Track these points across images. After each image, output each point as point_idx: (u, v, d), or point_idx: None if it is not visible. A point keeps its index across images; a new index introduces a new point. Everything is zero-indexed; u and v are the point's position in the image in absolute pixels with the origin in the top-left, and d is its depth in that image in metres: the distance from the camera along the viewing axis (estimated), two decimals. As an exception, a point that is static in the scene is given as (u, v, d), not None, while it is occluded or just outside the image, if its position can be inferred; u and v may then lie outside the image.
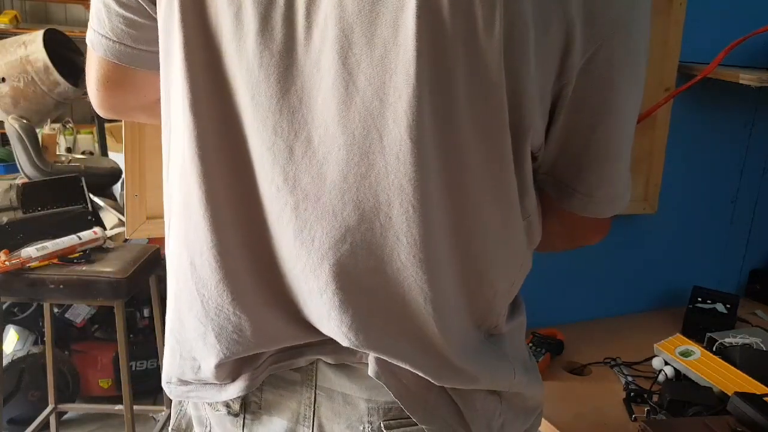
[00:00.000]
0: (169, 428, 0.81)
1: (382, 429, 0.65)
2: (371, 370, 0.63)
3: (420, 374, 0.63)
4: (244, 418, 0.71)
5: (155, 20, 0.65)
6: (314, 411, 0.67)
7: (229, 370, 0.68)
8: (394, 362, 0.62)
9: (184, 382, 0.72)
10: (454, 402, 0.66)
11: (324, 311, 0.61)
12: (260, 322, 0.64)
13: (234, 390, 0.68)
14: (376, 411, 0.65)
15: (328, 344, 0.65)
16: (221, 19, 0.59)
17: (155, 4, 0.64)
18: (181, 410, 0.80)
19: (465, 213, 0.60)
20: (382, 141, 0.56)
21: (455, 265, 0.62)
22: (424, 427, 0.65)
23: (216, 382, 0.69)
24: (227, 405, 0.71)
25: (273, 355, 0.67)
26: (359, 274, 0.60)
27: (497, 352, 0.69)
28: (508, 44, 0.54)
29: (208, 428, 0.75)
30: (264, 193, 0.61)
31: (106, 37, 0.70)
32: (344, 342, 0.62)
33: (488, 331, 0.69)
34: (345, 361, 0.65)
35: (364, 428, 0.65)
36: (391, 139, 0.55)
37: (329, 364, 0.66)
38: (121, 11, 0.67)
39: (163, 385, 0.74)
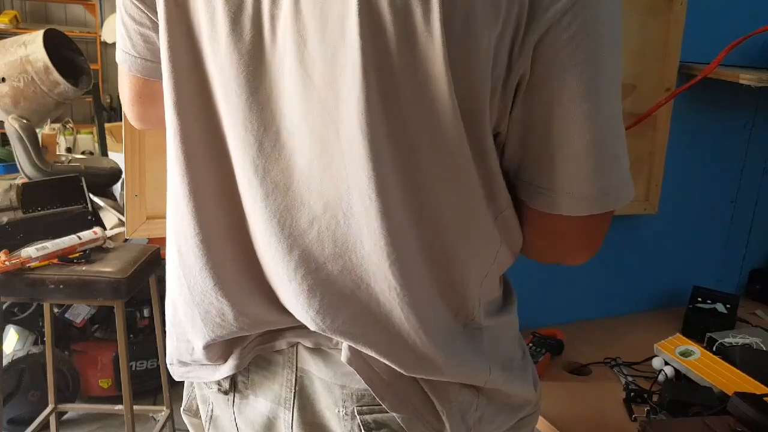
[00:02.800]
0: (182, 408, 0.86)
1: (356, 414, 0.67)
2: (344, 356, 0.66)
3: (386, 362, 0.65)
4: (233, 397, 0.75)
5: None
6: (295, 393, 0.70)
7: (219, 352, 0.72)
8: (362, 349, 0.64)
9: (183, 363, 0.77)
10: (425, 392, 0.68)
11: (293, 297, 0.64)
12: (241, 307, 0.68)
13: (225, 369, 0.73)
14: (350, 397, 0.68)
15: (305, 328, 0.67)
16: (201, 24, 0.63)
17: None
18: (191, 391, 0.85)
19: (424, 204, 0.62)
20: (338, 135, 0.59)
21: (422, 253, 0.64)
22: (394, 414, 0.66)
23: (210, 362, 0.73)
24: (218, 384, 0.75)
25: (258, 336, 0.71)
26: (326, 261, 0.63)
27: (473, 347, 0.70)
28: (450, 37, 0.55)
29: (210, 406, 0.80)
30: (240, 185, 0.65)
31: (130, 54, 0.76)
32: (312, 326, 0.65)
33: (465, 323, 0.70)
34: (321, 346, 0.68)
35: (338, 412, 0.68)
36: (345, 132, 0.59)
37: (308, 348, 0.69)
38: (138, 28, 0.72)
39: (168, 366, 0.80)
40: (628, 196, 0.66)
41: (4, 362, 2.12)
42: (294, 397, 0.70)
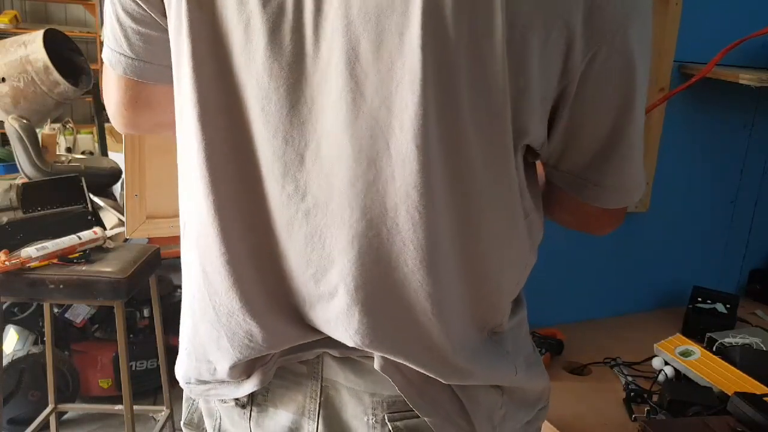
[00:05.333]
0: (181, 422, 0.83)
1: (386, 421, 0.66)
2: (377, 364, 0.65)
3: (425, 372, 0.65)
4: (251, 410, 0.73)
5: (168, 33, 0.65)
6: (319, 404, 0.69)
7: (243, 369, 0.70)
8: (400, 360, 0.64)
9: (202, 382, 0.73)
10: (457, 396, 0.68)
11: (332, 315, 0.63)
12: (269, 327, 0.65)
13: (249, 386, 0.70)
14: (380, 404, 0.67)
15: (333, 340, 0.66)
16: (230, 31, 0.60)
17: (167, 17, 0.64)
18: (192, 405, 0.82)
19: (470, 217, 0.61)
20: (389, 149, 0.57)
21: (461, 269, 0.63)
22: (426, 419, 0.66)
23: (232, 380, 0.71)
24: (235, 397, 0.72)
25: (284, 356, 0.69)
26: (366, 279, 0.61)
27: (499, 351, 0.70)
28: (510, 50, 0.55)
29: (218, 420, 0.77)
30: (273, 201, 0.62)
31: (125, 55, 0.70)
32: (350, 344, 0.64)
33: (492, 330, 0.70)
34: (350, 355, 0.67)
35: (368, 420, 0.67)
36: (397, 146, 0.57)
37: (335, 357, 0.68)
38: (137, 27, 0.68)
39: (183, 385, 0.76)
40: (644, 187, 0.74)
41: (4, 362, 2.12)
42: (319, 407, 0.69)
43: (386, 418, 0.67)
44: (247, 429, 0.73)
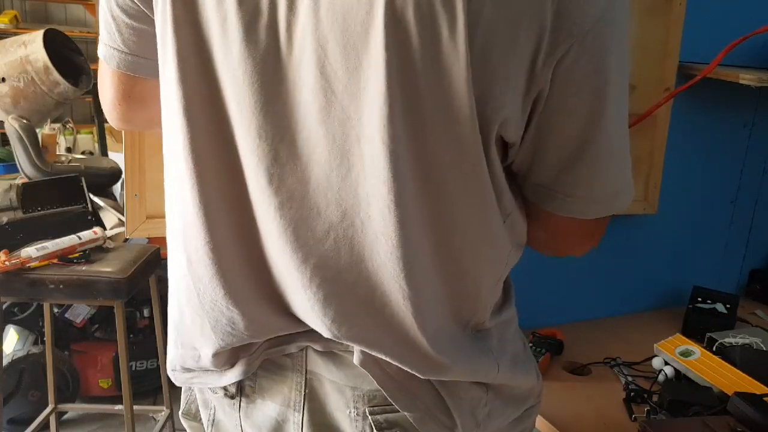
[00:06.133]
0: (179, 412, 0.85)
1: (367, 415, 0.68)
2: (356, 359, 0.66)
3: (402, 367, 0.65)
4: (240, 401, 0.75)
5: None
6: (304, 396, 0.70)
7: (226, 358, 0.71)
8: (377, 354, 0.65)
9: (187, 370, 0.75)
10: (438, 391, 0.68)
11: (308, 305, 0.64)
12: (252, 315, 0.67)
13: (232, 375, 0.72)
14: (361, 398, 0.68)
15: (316, 332, 0.67)
16: (210, 28, 0.61)
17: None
18: (190, 395, 0.84)
19: (442, 213, 0.62)
20: (359, 144, 0.59)
21: (436, 264, 0.64)
22: (406, 414, 0.67)
23: (215, 369, 0.72)
24: (224, 388, 0.74)
25: (267, 341, 0.71)
26: (341, 269, 0.63)
27: (481, 347, 0.71)
28: (474, 51, 0.55)
29: (212, 411, 0.79)
30: (252, 194, 0.64)
31: (119, 50, 0.71)
32: (326, 334, 0.65)
33: (475, 328, 0.71)
34: (332, 348, 0.68)
35: (350, 413, 0.68)
36: (366, 142, 0.58)
37: (318, 351, 0.69)
38: (131, 22, 0.69)
39: (169, 372, 0.78)
40: (631, 198, 0.70)
41: (4, 362, 2.12)
42: (304, 399, 0.70)
43: (367, 411, 0.68)
44: (237, 419, 0.75)
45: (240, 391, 0.74)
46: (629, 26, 0.63)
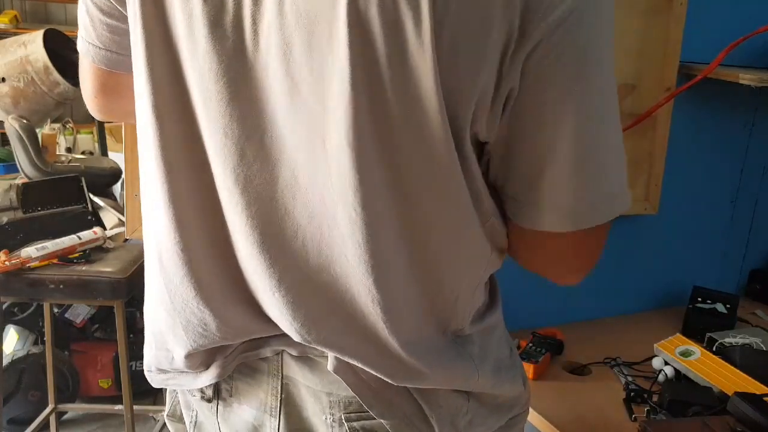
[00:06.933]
0: (164, 414, 0.85)
1: (343, 421, 0.67)
2: (330, 365, 0.65)
3: (374, 373, 0.64)
4: (217, 405, 0.74)
5: None
6: (280, 401, 0.69)
7: (200, 360, 0.71)
8: (349, 360, 0.64)
9: (162, 371, 0.75)
10: (415, 399, 0.67)
11: (277, 308, 0.63)
12: (224, 317, 0.66)
13: (207, 378, 0.71)
14: (337, 404, 0.67)
15: (290, 337, 0.66)
16: (177, 23, 0.61)
17: None
18: (175, 398, 0.83)
19: (414, 216, 0.60)
20: (324, 146, 0.58)
21: (409, 268, 0.62)
22: (383, 421, 0.66)
23: (189, 370, 0.72)
24: (201, 391, 0.74)
25: (242, 344, 0.70)
26: (309, 273, 0.62)
27: (460, 353, 0.69)
28: (441, 50, 0.54)
29: (194, 413, 0.79)
30: (220, 194, 0.63)
31: (94, 45, 0.73)
32: (296, 338, 0.64)
33: (455, 334, 0.69)
34: (308, 353, 0.67)
35: (326, 419, 0.67)
36: (331, 144, 0.57)
37: (293, 356, 0.68)
38: (104, 18, 0.70)
39: (145, 373, 0.78)
40: (622, 207, 0.63)
41: (4, 362, 2.12)
42: (280, 404, 0.69)
43: (343, 418, 0.67)
44: (215, 423, 0.75)
45: (217, 395, 0.73)
46: (611, 29, 0.59)
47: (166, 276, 0.67)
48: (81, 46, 0.75)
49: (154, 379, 0.77)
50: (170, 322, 0.69)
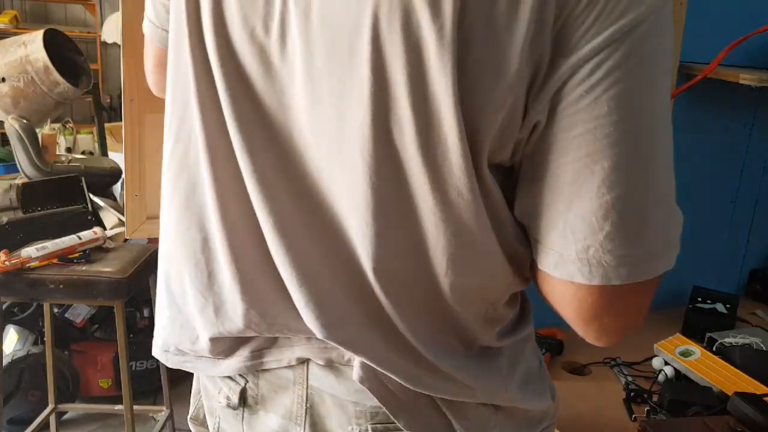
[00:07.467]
0: (188, 417, 0.84)
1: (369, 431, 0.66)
2: (355, 375, 0.64)
3: (397, 378, 0.63)
4: (243, 412, 0.73)
5: None
6: (306, 410, 0.69)
7: (224, 347, 0.70)
8: (372, 364, 0.63)
9: (181, 352, 0.74)
10: (443, 411, 0.66)
11: (301, 305, 0.63)
12: (258, 305, 0.66)
13: (226, 367, 0.71)
14: (363, 414, 0.66)
15: (317, 342, 0.66)
16: (205, 15, 0.61)
17: None
18: (198, 401, 0.83)
19: (428, 237, 0.59)
20: (340, 155, 0.57)
21: (418, 285, 0.61)
22: None
23: (210, 356, 0.71)
24: (227, 398, 0.73)
25: (266, 348, 0.69)
26: (328, 276, 0.62)
27: (489, 367, 0.68)
28: (464, 75, 0.52)
29: (218, 420, 0.78)
30: (248, 189, 0.63)
31: (153, 23, 0.77)
32: (320, 335, 0.63)
33: (481, 349, 0.68)
34: (334, 362, 0.67)
35: (352, 429, 0.66)
36: (346, 155, 0.57)
37: (319, 365, 0.68)
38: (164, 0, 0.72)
39: (159, 353, 0.76)
40: (664, 266, 0.57)
41: (4, 362, 2.12)
42: (306, 413, 0.69)
43: (370, 429, 0.66)
44: (240, 430, 0.74)
45: (243, 402, 0.73)
46: (667, 56, 0.53)
47: (211, 255, 0.66)
48: (144, 23, 0.79)
49: (170, 360, 0.76)
50: (202, 302, 0.68)
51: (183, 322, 0.72)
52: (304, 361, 0.69)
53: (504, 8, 0.50)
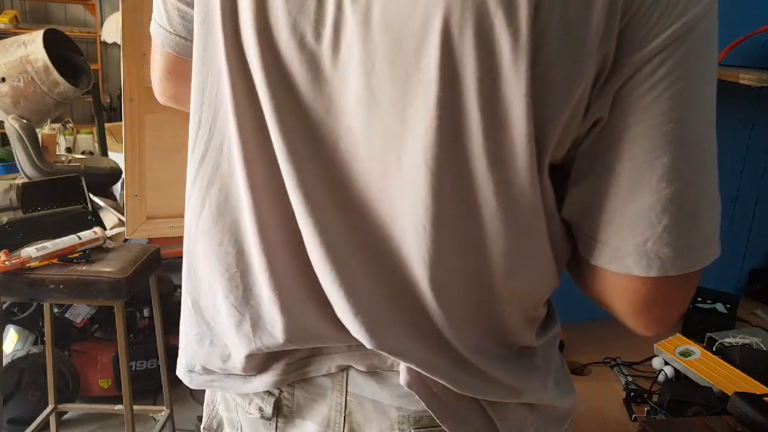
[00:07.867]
0: (201, 427, 0.82)
1: None
2: (402, 379, 0.63)
3: (443, 382, 0.63)
4: (276, 422, 0.71)
5: None
6: (345, 417, 0.68)
7: (257, 363, 0.68)
8: (419, 369, 0.62)
9: (208, 371, 0.72)
10: (486, 412, 0.66)
11: (348, 315, 0.62)
12: (298, 318, 0.64)
13: (258, 384, 0.69)
14: (407, 419, 0.66)
15: (358, 349, 0.65)
16: (245, 22, 0.59)
17: None
18: (213, 411, 0.81)
19: (485, 242, 0.59)
20: (399, 161, 0.57)
21: (471, 288, 0.61)
22: None
23: (241, 373, 0.69)
24: (260, 409, 0.71)
25: (304, 358, 0.68)
26: (374, 284, 0.61)
27: (529, 368, 0.69)
28: (535, 77, 0.52)
29: (240, 431, 0.75)
30: (289, 195, 0.61)
31: (165, 29, 0.73)
32: (369, 345, 0.62)
33: (521, 350, 0.69)
34: (376, 368, 0.66)
35: None
36: (407, 161, 0.56)
37: (361, 371, 0.67)
38: (177, 3, 0.70)
39: (182, 374, 0.74)
40: (713, 255, 0.59)
41: (4, 362, 2.12)
42: (344, 420, 0.68)
43: None
44: None
45: (277, 412, 0.71)
46: (715, 56, 0.55)
47: (246, 269, 0.64)
48: (153, 28, 0.74)
49: (195, 380, 0.73)
50: (237, 318, 0.66)
51: (213, 338, 0.70)
52: (344, 369, 0.67)
53: (578, 5, 0.51)
